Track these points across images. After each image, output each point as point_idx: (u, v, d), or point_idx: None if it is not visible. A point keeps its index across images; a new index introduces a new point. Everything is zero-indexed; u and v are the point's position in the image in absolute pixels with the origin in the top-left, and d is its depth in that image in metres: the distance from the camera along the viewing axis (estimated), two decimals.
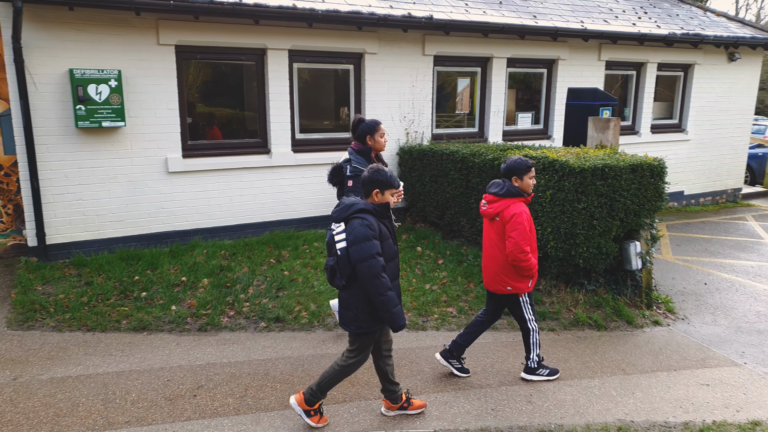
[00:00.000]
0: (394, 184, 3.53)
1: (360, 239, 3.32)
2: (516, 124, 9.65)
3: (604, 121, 6.65)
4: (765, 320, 5.94)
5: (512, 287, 4.26)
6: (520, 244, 4.07)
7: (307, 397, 3.72)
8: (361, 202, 3.47)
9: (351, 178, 4.49)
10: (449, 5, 8.36)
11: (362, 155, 4.62)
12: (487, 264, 4.35)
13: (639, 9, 10.67)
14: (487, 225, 4.34)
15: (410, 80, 8.33)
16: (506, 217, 4.13)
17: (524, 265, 4.13)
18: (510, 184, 4.19)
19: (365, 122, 4.66)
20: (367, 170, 3.52)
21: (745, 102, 11.85)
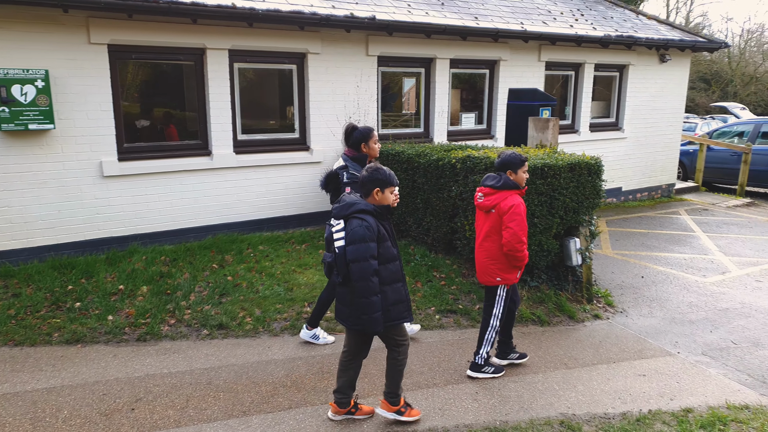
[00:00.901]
0: (394, 182, 3.58)
1: (357, 240, 3.37)
2: (460, 124, 9.77)
3: (544, 121, 6.81)
4: (696, 310, 6.22)
5: (501, 278, 4.38)
6: (518, 234, 4.19)
7: (390, 400, 3.82)
8: (362, 202, 3.51)
9: (348, 184, 4.53)
10: (392, 6, 8.37)
11: (358, 162, 4.66)
12: (478, 257, 4.47)
13: (576, 11, 11.00)
14: (482, 218, 4.43)
15: (355, 80, 8.30)
16: (504, 208, 4.23)
17: (519, 255, 4.25)
18: (506, 177, 4.31)
19: (359, 130, 4.70)
20: (366, 170, 3.56)
21: (676, 101, 12.41)
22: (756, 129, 13.57)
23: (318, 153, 8.11)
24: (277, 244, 7.18)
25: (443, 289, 6.13)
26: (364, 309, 3.43)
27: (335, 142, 8.25)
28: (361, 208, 3.46)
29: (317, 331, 5.04)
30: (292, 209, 8.02)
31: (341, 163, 4.71)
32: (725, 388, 4.57)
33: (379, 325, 3.47)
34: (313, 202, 8.17)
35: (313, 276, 6.27)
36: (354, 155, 4.70)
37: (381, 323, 3.48)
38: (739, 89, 43.92)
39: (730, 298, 6.60)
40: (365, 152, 4.73)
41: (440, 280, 6.32)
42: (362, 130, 4.71)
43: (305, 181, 8.08)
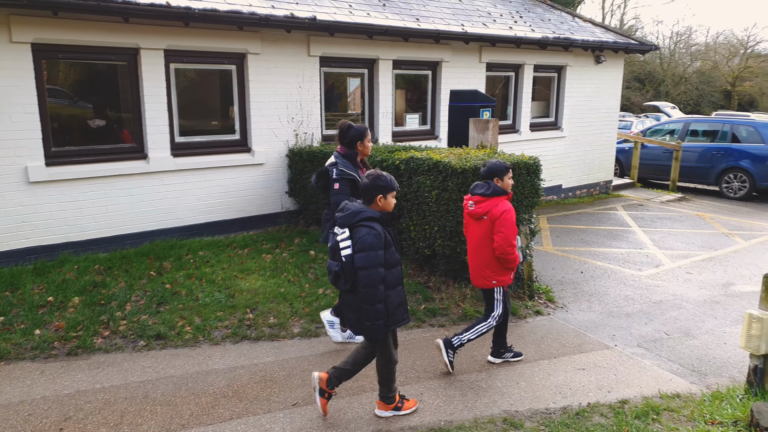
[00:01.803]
0: (395, 186, 3.68)
1: (366, 248, 3.44)
2: (405, 125, 9.81)
3: (484, 122, 6.91)
4: (632, 303, 6.45)
5: (497, 281, 4.57)
6: (509, 237, 4.39)
7: (385, 401, 3.94)
8: (368, 209, 3.56)
9: (337, 181, 4.58)
10: (333, 6, 8.31)
11: (348, 159, 4.73)
12: (472, 263, 4.65)
13: (515, 13, 11.24)
14: (473, 225, 4.59)
15: (297, 81, 8.19)
16: (495, 214, 4.41)
17: (510, 257, 4.45)
18: (495, 185, 4.49)
19: (355, 128, 4.76)
20: (367, 177, 3.62)
21: (612, 101, 12.87)
22: (685, 127, 14.24)
23: (260, 155, 7.95)
24: (218, 249, 7.00)
25: None
26: (368, 315, 3.53)
27: (278, 143, 8.12)
28: (369, 215, 3.52)
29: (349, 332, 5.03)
30: (233, 213, 7.84)
31: (332, 160, 4.76)
32: (659, 378, 4.75)
33: (380, 331, 3.58)
34: (255, 205, 8.02)
35: (256, 281, 6.15)
36: (345, 152, 4.75)
37: (382, 330, 3.59)
38: (670, 89, 46.09)
39: (663, 290, 6.88)
40: (360, 150, 4.81)
41: None
42: (359, 129, 4.78)
43: (247, 183, 7.92)
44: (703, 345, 5.44)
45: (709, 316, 6.14)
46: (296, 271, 6.44)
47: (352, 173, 4.66)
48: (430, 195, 6.00)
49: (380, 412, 3.99)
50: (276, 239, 7.53)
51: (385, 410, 3.99)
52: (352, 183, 4.61)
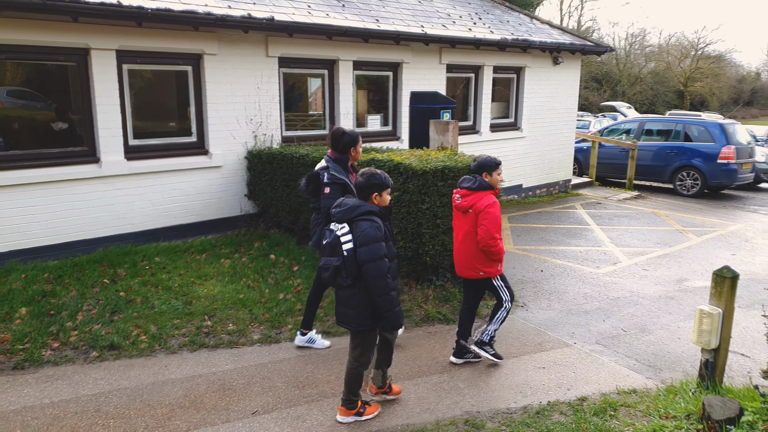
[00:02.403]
0: (390, 183, 3.79)
1: (370, 240, 3.51)
2: (367, 126, 9.77)
3: (444, 123, 6.93)
4: (591, 301, 6.56)
5: (484, 272, 4.68)
6: (491, 230, 4.50)
7: (348, 406, 3.91)
8: (366, 204, 3.64)
9: (328, 185, 4.62)
10: (291, 7, 8.21)
11: (339, 163, 4.75)
12: (460, 253, 4.74)
13: (474, 15, 11.33)
14: (460, 217, 4.70)
15: (255, 82, 8.06)
16: (480, 207, 4.53)
17: (494, 250, 4.56)
18: (482, 179, 4.62)
19: (348, 134, 4.80)
20: (362, 176, 3.71)
21: (570, 101, 13.12)
22: (640, 127, 14.63)
23: (218, 157, 7.80)
24: (175, 255, 6.83)
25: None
26: (386, 306, 3.57)
27: (236, 145, 7.98)
28: (368, 209, 3.61)
29: (312, 334, 5.05)
30: (191, 217, 7.66)
31: (323, 164, 4.77)
32: (616, 374, 4.84)
33: (401, 318, 3.67)
34: (213, 208, 7.86)
35: (214, 287, 6.01)
36: (336, 157, 4.77)
37: (402, 316, 3.69)
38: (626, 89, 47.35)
39: (620, 287, 7.03)
40: (353, 155, 4.85)
41: None
42: (352, 134, 4.82)
43: (204, 186, 7.75)
44: (658, 340, 5.57)
45: (664, 311, 6.30)
46: (256, 276, 6.33)
47: (343, 178, 4.68)
48: (391, 197, 5.97)
49: (342, 417, 3.95)
50: (235, 243, 7.39)
51: (346, 416, 3.95)
52: (342, 187, 4.63)
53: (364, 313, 3.66)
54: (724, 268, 4.23)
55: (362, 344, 3.84)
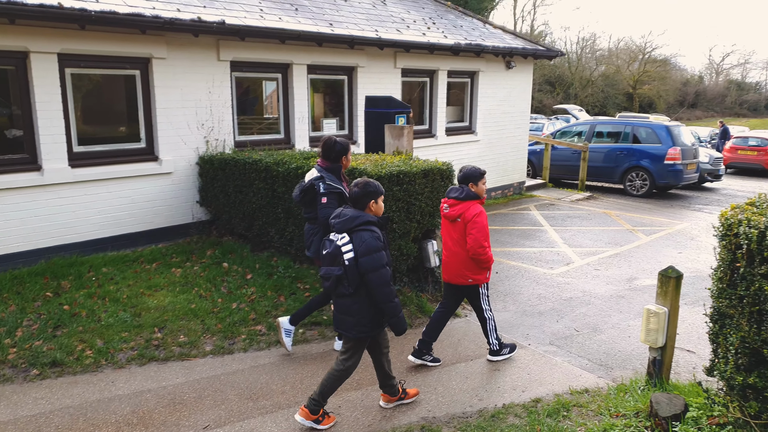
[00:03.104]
0: (382, 190, 3.91)
1: (372, 250, 3.62)
2: (322, 130, 9.70)
3: (399, 128, 6.94)
4: (545, 302, 6.67)
5: (473, 279, 4.80)
6: (480, 239, 4.62)
7: (312, 408, 3.87)
8: (365, 214, 3.75)
9: (325, 194, 4.64)
10: (243, 10, 8.08)
11: (333, 173, 4.78)
12: (449, 261, 4.85)
13: (428, 20, 11.41)
14: (449, 226, 4.83)
15: (206, 86, 7.89)
16: (468, 216, 4.65)
17: (483, 258, 4.69)
18: (468, 189, 4.74)
19: (340, 143, 4.82)
20: (356, 186, 3.80)
21: (523, 105, 13.35)
22: (591, 129, 15.02)
23: (168, 163, 7.60)
24: (123, 265, 6.60)
25: (307, 300, 5.99)
26: (392, 311, 3.71)
27: (187, 151, 7.79)
28: (368, 219, 3.72)
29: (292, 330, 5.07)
30: (140, 225, 7.43)
31: (315, 174, 4.76)
32: (569, 375, 4.92)
33: (404, 323, 3.78)
34: (163, 216, 7.65)
35: (165, 298, 5.84)
36: (329, 166, 4.78)
37: (406, 321, 3.80)
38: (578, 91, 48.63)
39: (573, 287, 7.17)
40: (345, 164, 4.89)
41: (304, 291, 6.19)
42: (343, 144, 4.83)
43: (154, 193, 7.54)
44: (609, 339, 5.70)
45: (615, 310, 6.46)
46: (208, 286, 6.18)
47: (339, 187, 4.71)
48: None
49: (301, 419, 3.88)
50: (187, 252, 7.20)
51: (306, 419, 3.88)
52: (339, 196, 4.67)
53: (363, 321, 3.76)
54: (669, 269, 4.35)
55: (353, 350, 3.93)
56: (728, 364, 3.44)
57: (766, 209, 3.41)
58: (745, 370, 3.34)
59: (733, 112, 56.42)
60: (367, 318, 3.77)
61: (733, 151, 20.16)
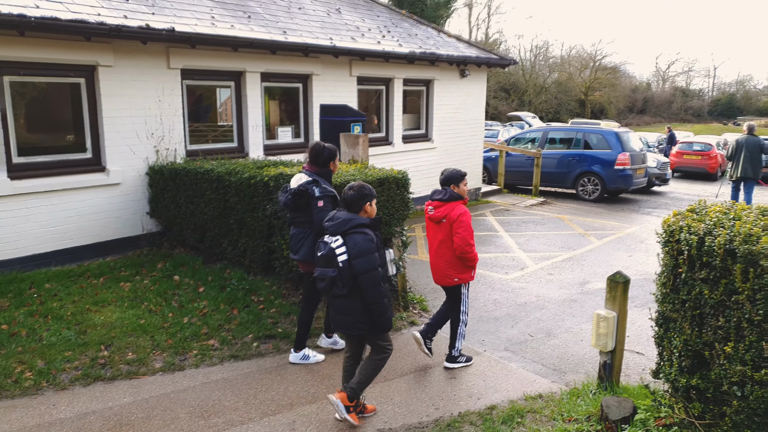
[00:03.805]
0: (375, 193, 4.07)
1: (364, 252, 3.75)
2: (277, 138, 9.60)
3: (354, 137, 6.92)
4: (500, 307, 6.74)
5: (459, 279, 4.96)
6: (467, 238, 4.78)
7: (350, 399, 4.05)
8: (358, 217, 3.88)
9: (321, 198, 4.69)
10: (194, 17, 7.93)
11: (325, 177, 4.87)
12: (436, 262, 5.02)
13: (383, 28, 11.45)
14: (434, 228, 4.98)
15: (156, 95, 7.70)
16: (453, 217, 4.80)
17: (470, 256, 4.84)
18: (451, 191, 4.90)
19: (327, 148, 4.89)
20: (352, 189, 3.93)
21: (477, 112, 13.55)
22: (544, 136, 15.35)
23: (116, 174, 7.37)
24: (68, 280, 6.35)
25: (262, 313, 5.89)
26: (379, 312, 3.83)
27: (136, 161, 7.58)
28: (360, 222, 3.84)
29: (306, 351, 5.10)
30: (86, 238, 7.17)
31: (307, 179, 4.77)
32: (524, 380, 4.97)
33: (390, 323, 3.95)
34: (112, 228, 7.41)
35: (112, 314, 5.63)
36: (320, 171, 4.85)
37: (391, 322, 3.97)
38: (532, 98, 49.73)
39: (527, 292, 7.28)
40: (332, 169, 4.96)
41: (259, 303, 6.08)
42: (331, 149, 4.91)
43: (102, 205, 7.29)
44: (563, 344, 5.80)
45: (568, 314, 6.58)
46: (158, 300, 6.00)
47: (333, 190, 4.80)
48: None
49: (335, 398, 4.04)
50: (136, 265, 6.98)
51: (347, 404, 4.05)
52: (333, 199, 4.74)
53: (361, 318, 3.89)
54: (616, 274, 4.45)
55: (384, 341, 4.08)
56: (672, 366, 3.54)
57: (705, 216, 3.52)
58: (688, 372, 3.44)
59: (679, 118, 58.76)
60: (363, 316, 3.89)
61: (679, 155, 20.95)
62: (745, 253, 3.05)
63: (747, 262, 3.06)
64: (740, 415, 3.20)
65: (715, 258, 3.20)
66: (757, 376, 3.07)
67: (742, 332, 3.13)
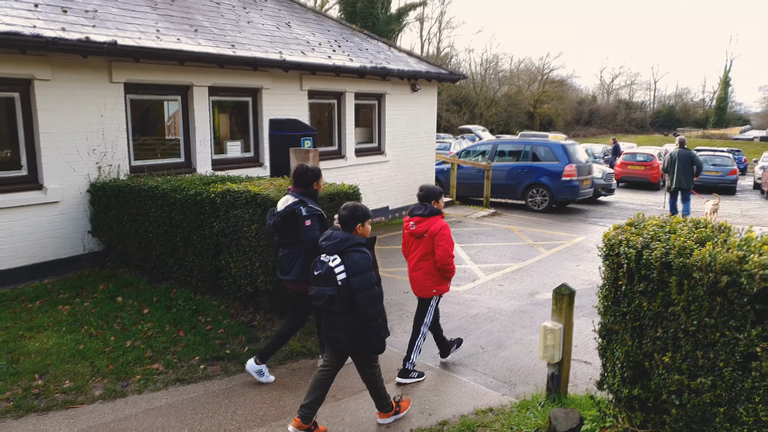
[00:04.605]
0: (370, 214, 4.14)
1: (363, 270, 3.82)
2: (226, 153, 9.43)
3: (304, 152, 6.86)
4: (452, 320, 6.77)
5: (437, 290, 5.16)
6: (449, 249, 4.99)
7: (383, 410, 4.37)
8: (354, 236, 3.97)
9: (309, 217, 4.73)
10: (138, 31, 7.73)
11: (311, 197, 4.93)
12: (414, 275, 5.18)
13: (334, 42, 11.46)
14: (414, 243, 5.16)
15: (98, 109, 7.45)
16: (434, 230, 5.00)
17: (450, 267, 5.05)
18: (431, 206, 5.09)
19: (310, 169, 4.96)
20: (345, 209, 4.03)
21: (429, 125, 13.70)
22: (494, 149, 15.65)
23: (54, 192, 7.07)
24: (0, 305, 6.02)
25: (209, 334, 5.73)
26: (374, 331, 3.89)
27: (77, 178, 7.29)
28: (358, 241, 3.93)
29: (264, 367, 5.06)
30: (22, 260, 6.84)
31: (293, 200, 4.82)
32: (475, 394, 5.00)
33: (383, 344, 4.00)
34: (50, 248, 7.09)
35: (49, 339, 5.37)
36: (305, 191, 4.91)
37: (385, 344, 4.02)
38: (483, 111, 50.74)
39: (479, 304, 7.34)
40: (316, 189, 5.03)
41: (206, 324, 5.92)
42: (314, 170, 4.99)
43: (39, 224, 6.98)
44: (513, 355, 5.86)
45: (518, 326, 6.67)
46: (100, 323, 5.76)
47: (320, 209, 4.87)
48: (249, 229, 5.78)
49: (384, 420, 4.38)
50: (76, 287, 6.69)
51: (386, 418, 4.38)
52: (320, 218, 4.82)
53: (356, 336, 3.94)
54: (562, 286, 4.54)
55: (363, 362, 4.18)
56: (616, 377, 3.62)
57: (643, 229, 3.64)
58: (630, 382, 3.52)
59: (623, 129, 61.11)
60: (360, 336, 3.95)
61: (624, 166, 21.74)
62: (680, 265, 3.16)
63: (682, 275, 3.16)
64: (679, 423, 3.29)
65: (652, 271, 3.30)
66: (693, 385, 3.17)
67: (679, 342, 3.24)
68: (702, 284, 3.07)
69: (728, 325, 3.02)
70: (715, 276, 3.02)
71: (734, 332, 3.00)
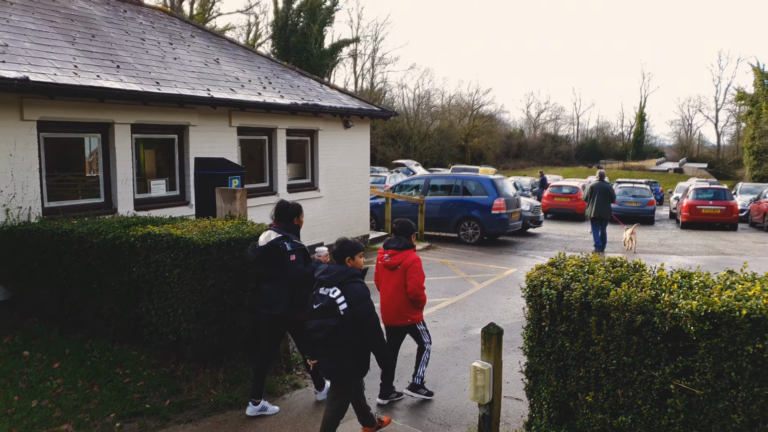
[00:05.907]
0: (362, 247, 4.42)
1: (365, 298, 4.07)
2: (150, 192, 9.07)
3: (231, 191, 6.70)
4: None
5: (411, 319, 5.53)
6: (420, 282, 5.36)
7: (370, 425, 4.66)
8: (351, 268, 4.20)
9: (293, 252, 4.91)
10: (53, 66, 7.38)
11: (294, 232, 5.09)
12: (388, 306, 5.51)
13: (264, 79, 11.40)
14: (388, 275, 5.50)
15: (7, 149, 6.99)
16: (408, 263, 5.37)
17: (421, 298, 5.44)
18: (406, 240, 5.50)
19: (291, 205, 5.17)
20: (336, 244, 4.28)
21: (362, 161, 13.77)
22: (427, 183, 15.90)
23: None
24: None
25: (127, 387, 5.37)
26: (383, 354, 4.22)
27: None
28: (355, 272, 4.17)
29: (264, 402, 5.20)
30: None
31: (276, 235, 4.94)
32: None
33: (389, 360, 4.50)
34: None
35: None
36: (286, 226, 5.06)
37: None
38: (417, 144, 51.75)
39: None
40: (297, 224, 5.17)
41: (124, 377, 5.55)
42: (295, 206, 5.18)
43: None
44: (447, 395, 5.82)
45: (451, 363, 6.65)
46: (2, 381, 5.27)
47: (303, 244, 5.05)
48: (171, 274, 5.52)
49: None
50: None
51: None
52: (304, 253, 5.02)
53: (348, 366, 4.14)
54: (490, 326, 4.55)
55: (343, 395, 4.33)
56: (543, 418, 3.64)
57: (563, 269, 3.72)
58: (557, 422, 3.55)
59: (550, 162, 63.86)
60: (352, 362, 4.15)
61: (551, 198, 22.59)
62: (598, 306, 3.24)
63: (600, 315, 3.24)
64: None
65: (573, 311, 3.37)
66: (615, 423, 3.23)
67: (601, 382, 3.30)
68: (619, 324, 3.16)
69: (644, 363, 3.10)
70: (630, 315, 3.11)
71: (650, 370, 3.09)
